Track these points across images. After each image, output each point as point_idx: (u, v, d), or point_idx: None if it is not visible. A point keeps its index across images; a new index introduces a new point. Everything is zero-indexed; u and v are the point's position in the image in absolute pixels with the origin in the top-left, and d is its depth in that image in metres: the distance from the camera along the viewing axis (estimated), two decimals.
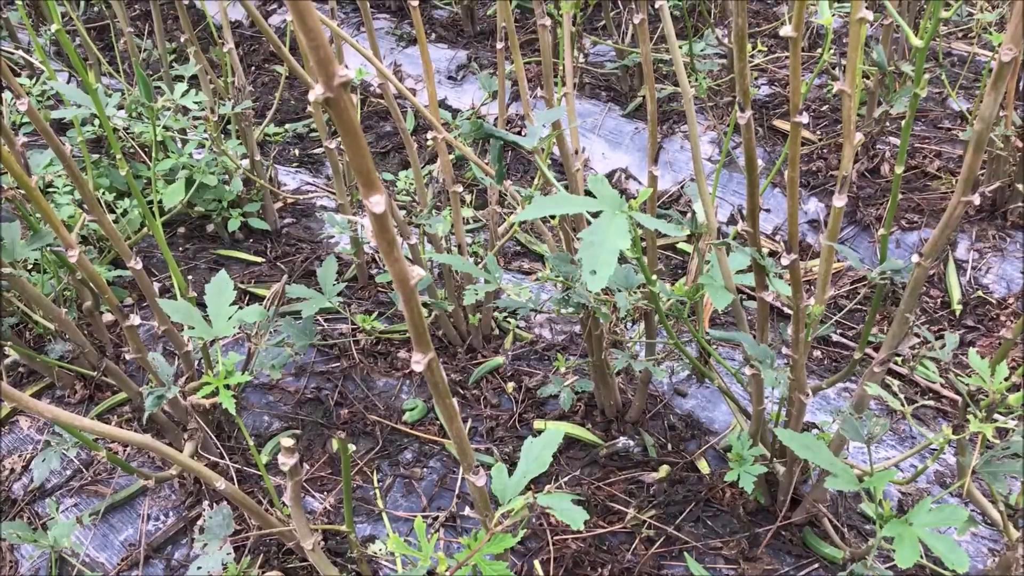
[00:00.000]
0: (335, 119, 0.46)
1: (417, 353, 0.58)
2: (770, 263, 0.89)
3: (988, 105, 0.72)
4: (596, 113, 1.88)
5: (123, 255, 1.02)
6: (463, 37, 2.15)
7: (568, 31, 1.08)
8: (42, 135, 0.91)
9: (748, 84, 0.75)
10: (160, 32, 1.64)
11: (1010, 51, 0.68)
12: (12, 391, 0.77)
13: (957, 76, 1.81)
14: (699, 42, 1.75)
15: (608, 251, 0.70)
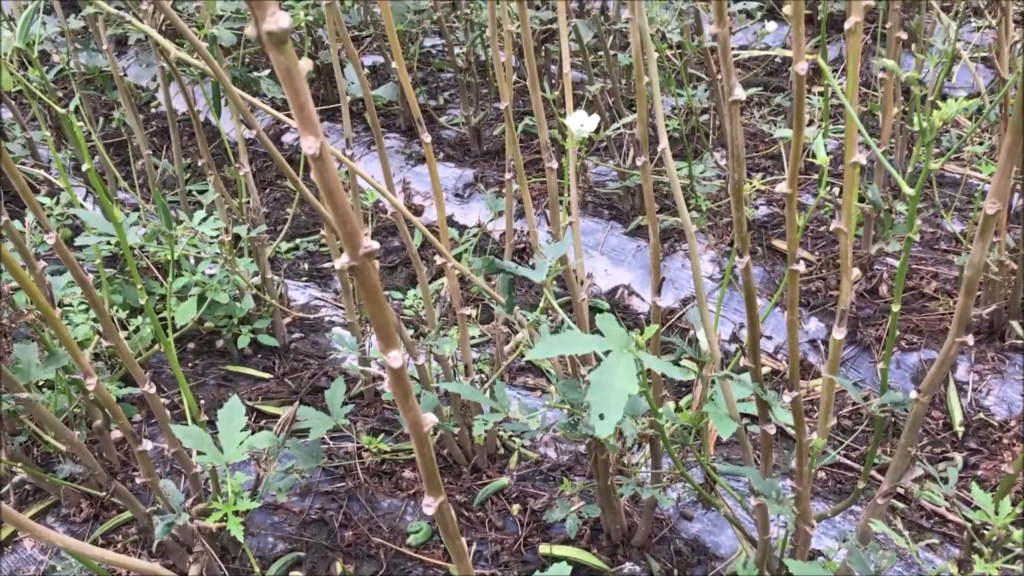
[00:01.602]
0: (358, 284, 0.49)
1: (428, 496, 0.59)
2: (772, 397, 0.91)
3: (976, 252, 0.75)
4: (599, 231, 1.93)
5: (137, 379, 1.04)
6: (470, 156, 2.22)
7: (573, 163, 1.12)
8: (66, 266, 0.95)
9: (745, 232, 0.78)
10: (177, 150, 1.70)
11: (994, 204, 0.71)
12: (20, 517, 0.78)
13: (951, 198, 1.86)
14: (699, 164, 1.81)
15: (617, 394, 0.72)
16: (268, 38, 0.39)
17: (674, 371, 0.79)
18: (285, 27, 0.38)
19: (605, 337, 0.79)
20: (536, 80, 0.98)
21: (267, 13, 0.38)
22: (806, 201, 1.90)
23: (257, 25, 0.39)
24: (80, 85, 1.77)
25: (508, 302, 0.95)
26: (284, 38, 0.39)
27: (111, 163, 1.76)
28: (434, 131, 2.31)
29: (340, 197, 0.45)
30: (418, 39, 2.24)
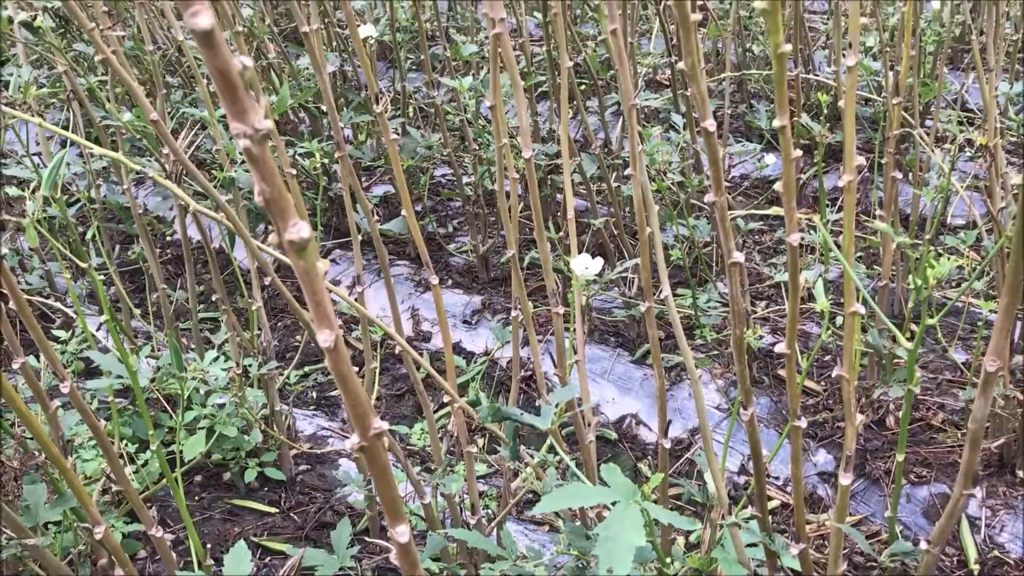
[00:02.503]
0: (369, 464, 0.51)
1: None
2: (781, 545, 0.91)
3: (979, 408, 0.76)
4: (605, 358, 1.95)
5: (145, 523, 1.04)
6: (478, 283, 2.26)
7: (578, 304, 1.15)
8: (79, 411, 0.96)
9: (748, 385, 0.80)
10: (191, 281, 1.74)
11: (994, 363, 0.73)
12: None
13: (954, 327, 1.87)
14: (703, 293, 1.84)
15: (624, 548, 0.72)
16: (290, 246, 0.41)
17: (681, 522, 0.79)
18: (306, 237, 0.41)
19: (611, 488, 0.80)
20: (542, 228, 1.01)
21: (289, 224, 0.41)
22: (809, 330, 1.92)
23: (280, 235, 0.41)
24: (100, 219, 1.82)
25: (513, 449, 0.96)
26: (304, 246, 0.41)
27: (126, 294, 1.80)
28: (442, 259, 2.36)
29: (353, 382, 0.47)
30: (428, 171, 2.31)
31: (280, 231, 0.41)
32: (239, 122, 0.38)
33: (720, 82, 2.39)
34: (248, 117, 0.38)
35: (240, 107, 0.37)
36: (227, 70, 0.36)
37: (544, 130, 2.45)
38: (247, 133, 0.38)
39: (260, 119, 0.38)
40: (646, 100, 1.96)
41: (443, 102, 2.21)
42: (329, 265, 2.46)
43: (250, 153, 0.38)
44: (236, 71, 0.36)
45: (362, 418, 0.48)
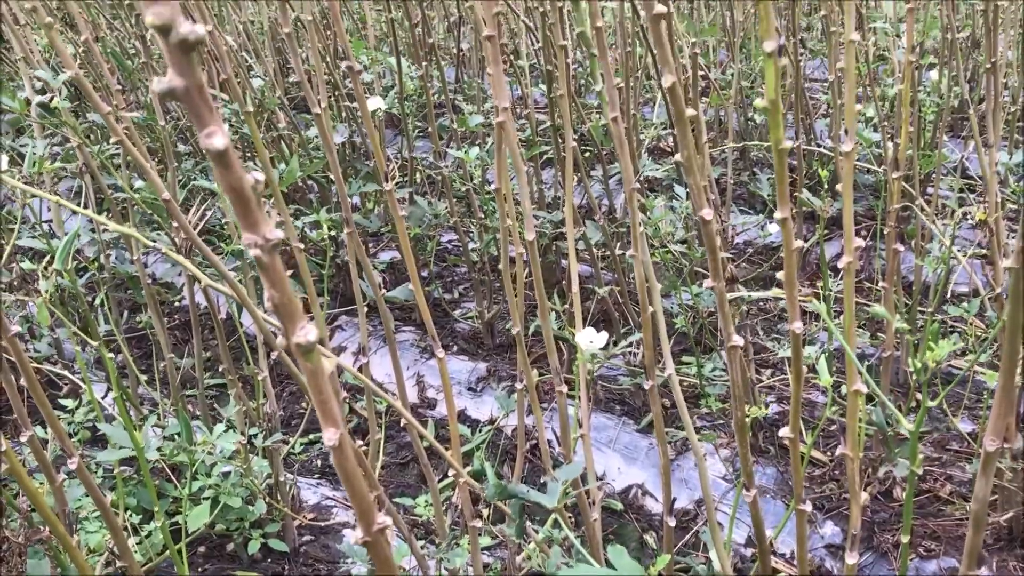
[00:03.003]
0: (372, 556, 0.51)
1: None
2: None
3: (981, 488, 0.76)
4: (611, 427, 1.94)
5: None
6: (483, 349, 2.27)
7: (583, 378, 1.15)
8: (86, 488, 0.97)
9: (751, 467, 0.80)
10: (198, 349, 1.75)
11: (993, 442, 0.73)
12: None
13: (960, 396, 1.87)
14: (708, 361, 1.84)
15: None
16: (297, 349, 0.43)
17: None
18: (312, 340, 0.42)
19: (617, 571, 0.80)
20: (545, 307, 1.02)
21: (297, 328, 0.42)
22: (815, 398, 1.92)
23: (287, 338, 0.42)
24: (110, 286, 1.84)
25: (517, 527, 0.96)
26: (311, 349, 0.42)
27: (133, 362, 1.81)
28: (448, 325, 2.37)
29: (357, 481, 0.48)
30: (435, 238, 2.34)
31: (288, 334, 0.42)
32: (251, 233, 0.39)
33: (723, 150, 2.42)
34: (259, 228, 0.39)
35: (252, 219, 0.39)
36: (240, 187, 0.37)
37: (549, 197, 2.49)
38: (258, 243, 0.39)
39: (271, 229, 0.39)
40: (649, 170, 1.99)
41: (450, 170, 2.25)
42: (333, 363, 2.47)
43: (260, 261, 0.40)
44: (248, 187, 0.38)
45: (366, 514, 0.49)
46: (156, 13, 0.33)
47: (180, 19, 0.33)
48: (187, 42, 0.34)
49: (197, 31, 0.34)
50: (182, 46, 0.34)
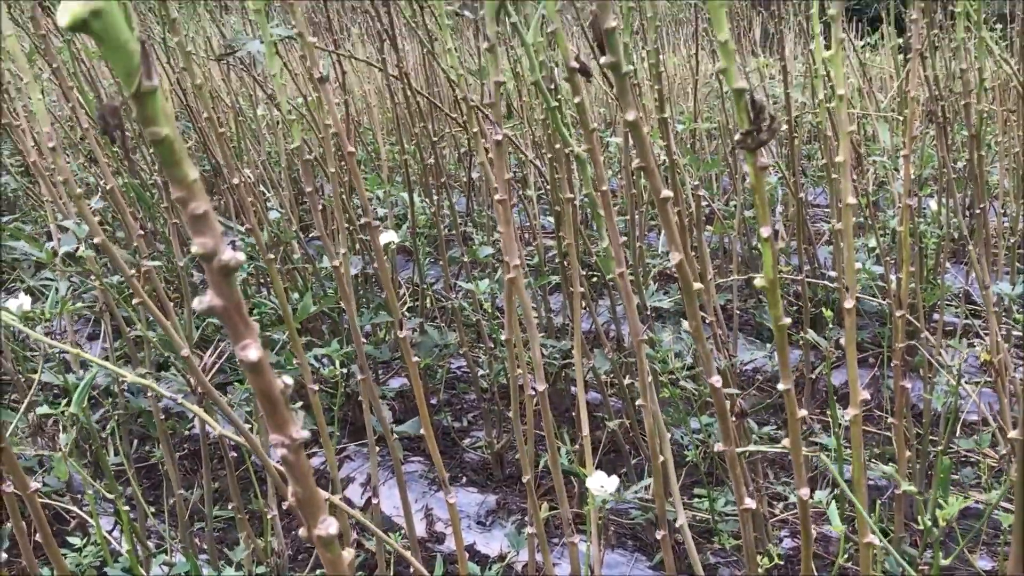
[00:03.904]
0: None
1: None
2: None
3: None
4: (623, 563, 1.91)
5: None
6: (492, 481, 2.25)
7: (595, 524, 1.15)
8: None
9: None
10: (208, 482, 1.75)
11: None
12: None
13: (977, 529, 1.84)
14: (719, 496, 1.82)
15: None
16: (318, 541, 0.44)
17: None
18: (333, 533, 0.43)
19: None
20: (556, 455, 1.03)
21: (318, 521, 0.44)
22: (830, 532, 1.89)
23: (309, 530, 0.44)
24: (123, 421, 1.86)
25: None
26: (332, 541, 0.44)
27: (142, 498, 1.80)
28: (457, 455, 2.36)
29: None
30: (445, 366, 2.35)
31: (310, 528, 0.44)
32: (278, 433, 0.41)
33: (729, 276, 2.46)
34: (286, 429, 0.41)
35: (279, 420, 0.41)
36: (270, 390, 0.40)
37: (557, 322, 2.52)
38: (284, 443, 0.41)
39: (296, 429, 0.41)
40: (656, 302, 2.02)
41: (460, 300, 2.29)
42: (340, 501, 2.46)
43: (286, 460, 0.42)
44: (277, 391, 0.40)
45: None
46: (201, 244, 0.36)
47: (222, 246, 0.36)
48: (228, 267, 0.36)
49: (238, 257, 0.37)
50: (223, 271, 0.36)
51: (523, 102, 2.68)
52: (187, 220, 0.36)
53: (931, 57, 1.62)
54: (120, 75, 0.33)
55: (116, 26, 0.31)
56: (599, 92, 4.11)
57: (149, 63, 0.32)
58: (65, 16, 0.31)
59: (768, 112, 0.52)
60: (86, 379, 1.17)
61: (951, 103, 1.79)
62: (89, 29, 0.31)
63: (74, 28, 0.31)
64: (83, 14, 0.31)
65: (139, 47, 0.32)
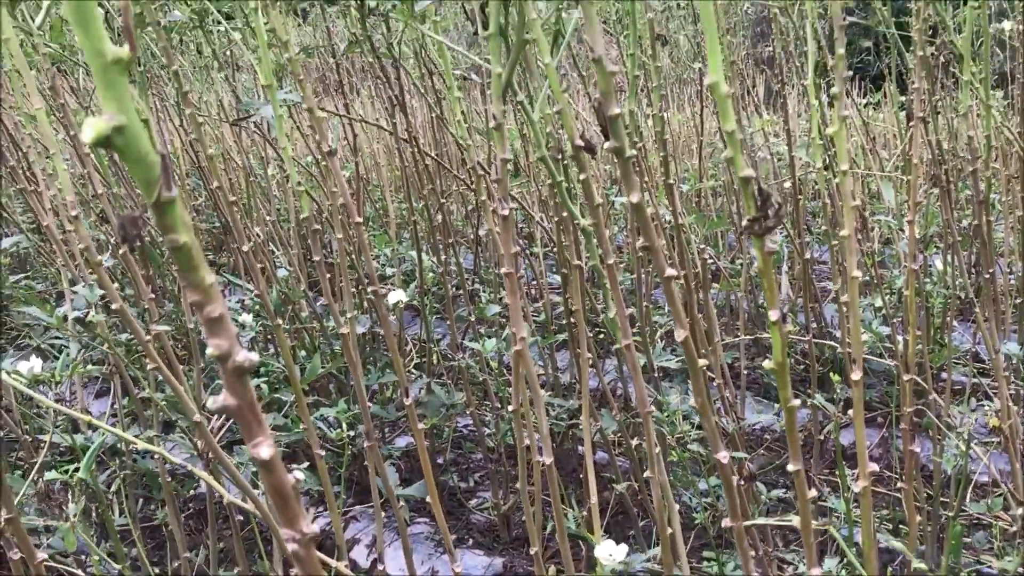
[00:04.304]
0: None
1: None
2: None
3: None
4: None
5: None
6: (499, 543, 2.23)
7: None
8: None
9: None
10: (213, 543, 1.74)
11: None
12: None
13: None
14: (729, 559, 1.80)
15: None
16: None
17: None
18: None
19: None
20: (562, 523, 1.03)
21: None
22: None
23: None
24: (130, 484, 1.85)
25: None
26: None
27: (147, 559, 1.79)
28: (463, 516, 2.34)
29: None
30: (452, 425, 2.35)
31: None
32: (289, 528, 0.41)
33: (736, 334, 2.46)
34: (297, 523, 0.41)
35: (291, 515, 0.41)
36: (281, 486, 0.40)
37: (564, 380, 2.51)
38: (295, 538, 0.41)
39: (307, 524, 0.42)
40: (663, 361, 2.02)
41: (467, 360, 2.29)
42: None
43: (297, 554, 0.42)
44: (289, 487, 0.41)
45: None
46: (216, 345, 0.36)
47: (237, 348, 0.37)
48: (242, 368, 0.37)
49: (252, 358, 0.37)
50: (237, 371, 0.37)
51: (530, 162, 2.71)
52: (203, 321, 0.36)
53: (933, 121, 1.64)
54: (141, 185, 0.34)
55: (138, 140, 0.32)
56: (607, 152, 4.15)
57: (168, 174, 0.33)
58: (90, 132, 0.32)
59: (774, 199, 0.53)
60: (95, 444, 1.18)
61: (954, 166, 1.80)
62: (112, 144, 0.32)
63: (98, 144, 0.32)
64: (106, 130, 0.32)
65: (159, 159, 0.33)
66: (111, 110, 0.32)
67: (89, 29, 0.31)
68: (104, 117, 0.32)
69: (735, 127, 0.52)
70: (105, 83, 0.32)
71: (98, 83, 0.32)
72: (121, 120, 0.32)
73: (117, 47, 0.32)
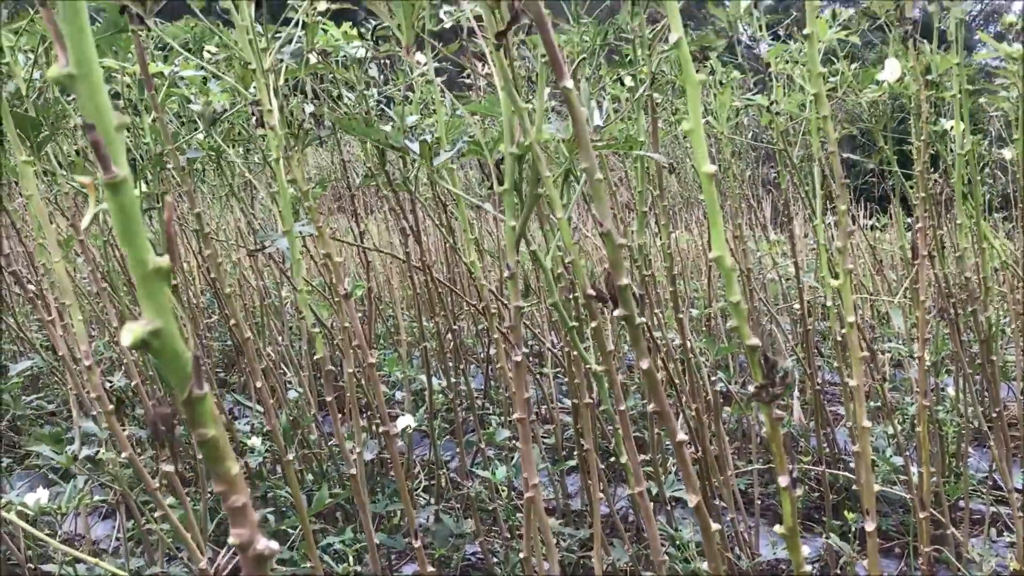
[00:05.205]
0: None
1: None
2: None
3: None
4: None
5: None
6: None
7: None
8: None
9: None
10: None
11: None
12: None
13: None
14: None
15: None
16: None
17: None
18: None
19: None
20: None
21: None
22: None
23: None
24: None
25: None
26: None
27: None
28: None
29: None
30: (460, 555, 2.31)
31: None
32: None
33: (749, 462, 2.44)
34: None
35: None
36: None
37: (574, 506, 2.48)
38: None
39: None
40: (676, 491, 1.99)
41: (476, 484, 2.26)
42: None
43: None
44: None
45: None
46: (238, 535, 0.37)
47: (257, 536, 0.38)
48: (262, 556, 0.38)
49: (272, 546, 0.38)
50: (257, 559, 0.38)
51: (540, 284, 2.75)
52: (227, 509, 0.37)
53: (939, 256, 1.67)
54: (174, 382, 0.35)
55: (172, 343, 0.34)
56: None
57: (200, 373, 0.35)
58: (128, 337, 0.34)
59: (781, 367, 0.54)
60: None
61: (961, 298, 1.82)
62: (149, 347, 0.34)
63: (135, 347, 0.34)
64: (143, 334, 0.34)
65: (192, 358, 0.35)
66: (149, 315, 0.34)
67: (134, 241, 0.33)
68: (141, 322, 0.34)
69: (740, 298, 0.54)
70: (145, 290, 0.34)
71: (139, 289, 0.34)
72: (158, 324, 0.34)
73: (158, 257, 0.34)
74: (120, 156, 0.33)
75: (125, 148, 0.34)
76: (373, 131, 0.88)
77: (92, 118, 0.32)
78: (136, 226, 0.33)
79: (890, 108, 1.67)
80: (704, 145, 0.52)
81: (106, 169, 0.32)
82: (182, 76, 1.45)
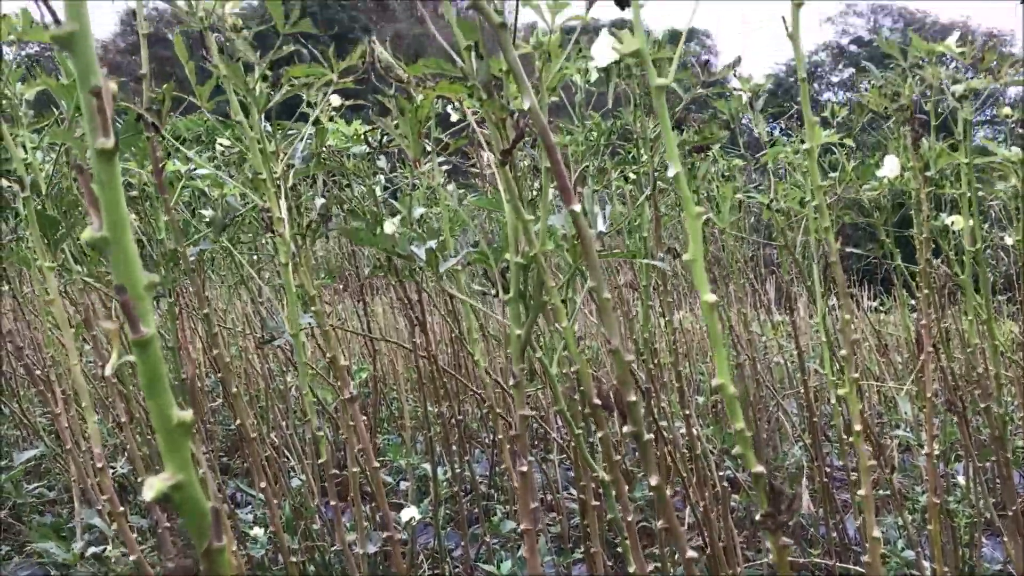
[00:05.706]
0: None
1: None
2: None
3: None
4: None
5: None
6: None
7: None
8: None
9: None
10: None
11: None
12: None
13: None
14: None
15: None
16: None
17: None
18: None
19: None
20: None
21: None
22: None
23: None
24: None
25: None
26: None
27: None
28: None
29: None
30: None
31: None
32: None
33: (758, 551, 2.40)
34: None
35: None
36: None
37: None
38: None
39: None
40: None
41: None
42: None
43: None
44: None
45: None
46: None
47: None
48: None
49: None
50: None
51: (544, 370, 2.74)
52: None
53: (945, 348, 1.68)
54: (193, 533, 0.36)
55: (194, 496, 0.35)
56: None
57: (219, 525, 0.35)
58: (150, 491, 0.34)
59: (787, 495, 0.54)
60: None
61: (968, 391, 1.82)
62: (170, 500, 0.35)
63: (157, 500, 0.35)
64: (165, 488, 0.34)
65: (211, 511, 0.36)
66: (171, 470, 0.35)
67: (160, 396, 0.34)
68: (163, 476, 0.35)
69: (743, 425, 0.54)
70: (168, 444, 0.35)
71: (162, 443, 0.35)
72: (180, 479, 0.35)
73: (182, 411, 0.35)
74: (148, 315, 0.34)
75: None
76: (380, 239, 0.90)
77: (123, 279, 0.34)
78: (161, 382, 0.35)
79: (891, 203, 1.70)
80: (704, 275, 0.54)
81: (135, 330, 0.34)
82: (196, 173, 1.48)
